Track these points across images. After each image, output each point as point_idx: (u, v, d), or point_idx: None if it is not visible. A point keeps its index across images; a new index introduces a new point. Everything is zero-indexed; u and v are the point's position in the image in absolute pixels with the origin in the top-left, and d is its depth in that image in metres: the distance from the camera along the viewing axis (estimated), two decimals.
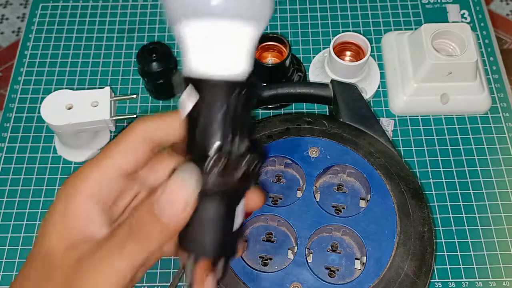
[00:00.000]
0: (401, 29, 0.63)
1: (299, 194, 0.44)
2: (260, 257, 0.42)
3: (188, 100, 0.28)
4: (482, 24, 0.63)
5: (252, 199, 0.32)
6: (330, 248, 0.42)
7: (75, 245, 0.29)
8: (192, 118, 0.29)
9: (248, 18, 0.28)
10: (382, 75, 0.59)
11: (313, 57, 0.61)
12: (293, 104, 0.58)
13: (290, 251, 0.41)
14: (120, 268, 0.27)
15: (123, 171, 0.31)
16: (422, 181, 0.53)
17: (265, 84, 0.52)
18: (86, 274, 0.27)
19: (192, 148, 0.29)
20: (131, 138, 0.31)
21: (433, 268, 0.42)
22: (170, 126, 0.32)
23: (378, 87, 0.58)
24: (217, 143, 0.29)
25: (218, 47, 0.28)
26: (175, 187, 0.27)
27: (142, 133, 0.31)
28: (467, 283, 0.48)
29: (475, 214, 0.51)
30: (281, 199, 0.44)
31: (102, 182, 0.30)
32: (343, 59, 0.54)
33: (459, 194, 0.52)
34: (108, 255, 0.27)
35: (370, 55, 0.54)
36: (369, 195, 0.43)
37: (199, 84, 0.28)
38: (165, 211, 0.27)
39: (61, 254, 0.28)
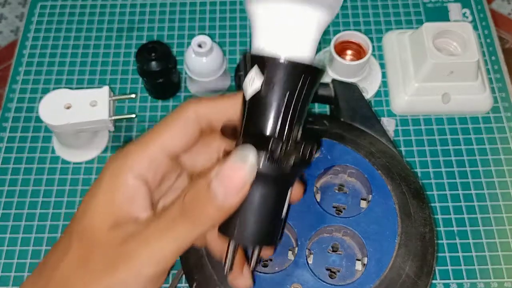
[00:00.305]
0: (402, 28, 0.62)
1: None
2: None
3: (252, 82, 0.28)
4: (483, 23, 0.63)
5: (292, 191, 0.31)
6: (331, 249, 0.41)
7: (120, 224, 0.28)
8: (255, 100, 0.28)
9: (322, 5, 0.28)
10: (383, 75, 0.59)
11: None
12: None
13: (290, 252, 0.41)
14: (167, 249, 0.27)
15: (172, 152, 0.30)
16: (423, 181, 0.53)
17: None
18: (132, 253, 0.27)
19: (249, 131, 0.29)
20: (183, 117, 0.30)
21: (435, 269, 0.42)
22: (223, 109, 0.31)
23: (379, 87, 0.58)
24: (277, 127, 0.28)
25: (289, 30, 0.28)
26: (234, 165, 0.26)
27: (195, 113, 0.30)
28: (468, 284, 0.48)
29: (477, 214, 0.51)
30: None
31: (150, 162, 0.29)
32: (344, 58, 0.54)
33: (460, 194, 0.52)
34: (156, 235, 0.27)
35: (371, 54, 0.54)
36: (370, 196, 0.42)
37: (267, 64, 0.28)
38: (221, 189, 0.26)
39: (105, 232, 0.27)
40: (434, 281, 0.48)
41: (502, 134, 0.55)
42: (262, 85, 0.28)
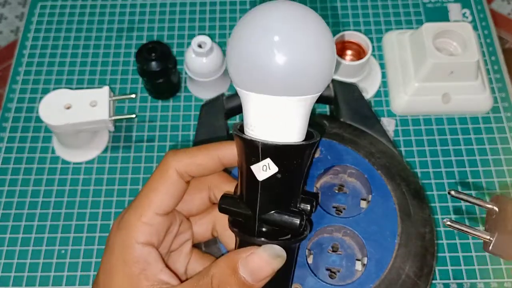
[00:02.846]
0: (402, 28, 0.62)
1: None
2: None
3: (266, 168, 0.31)
4: (483, 24, 0.63)
5: None
6: (331, 249, 0.42)
7: None
8: (270, 182, 0.31)
9: (312, 92, 0.30)
10: (383, 75, 0.59)
11: None
12: None
13: None
14: None
15: (166, 212, 0.33)
16: (423, 181, 0.53)
17: None
18: None
19: (268, 212, 0.32)
20: (167, 179, 0.33)
21: (435, 269, 0.42)
22: (202, 163, 0.34)
23: (379, 87, 0.58)
24: (292, 204, 0.32)
25: (291, 118, 0.30)
26: (264, 261, 0.30)
27: (176, 171, 0.33)
28: (468, 284, 0.48)
29: (477, 215, 0.51)
30: None
31: (151, 228, 0.32)
32: (343, 59, 0.54)
33: None
34: None
35: (371, 54, 0.54)
36: (370, 196, 0.42)
37: (281, 152, 0.30)
38: (250, 278, 0.29)
39: None
40: (434, 281, 0.48)
41: (502, 134, 0.55)
42: (278, 171, 0.30)
